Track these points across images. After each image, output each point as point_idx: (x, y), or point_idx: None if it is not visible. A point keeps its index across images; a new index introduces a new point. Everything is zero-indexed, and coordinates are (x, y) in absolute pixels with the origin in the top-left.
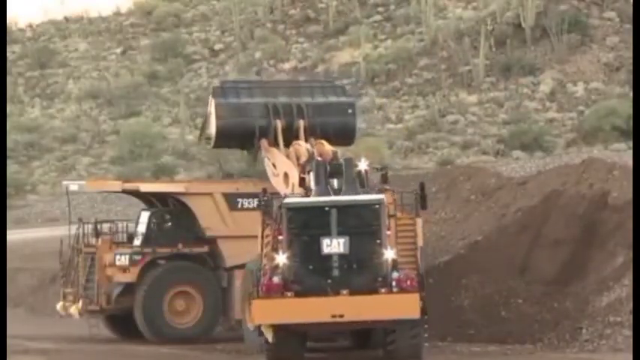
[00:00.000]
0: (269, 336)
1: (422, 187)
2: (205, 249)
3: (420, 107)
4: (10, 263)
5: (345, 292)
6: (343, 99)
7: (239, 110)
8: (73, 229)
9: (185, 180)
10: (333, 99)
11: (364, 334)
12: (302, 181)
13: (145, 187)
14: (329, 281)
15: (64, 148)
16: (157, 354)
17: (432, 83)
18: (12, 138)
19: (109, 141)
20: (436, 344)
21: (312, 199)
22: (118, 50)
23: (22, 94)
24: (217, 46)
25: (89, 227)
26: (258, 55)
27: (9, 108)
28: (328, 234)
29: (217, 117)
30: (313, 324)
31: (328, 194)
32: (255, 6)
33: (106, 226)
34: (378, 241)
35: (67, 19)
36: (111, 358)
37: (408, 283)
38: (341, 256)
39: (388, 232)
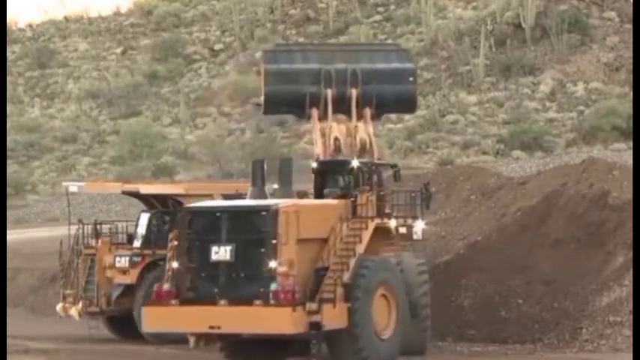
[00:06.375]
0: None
1: (427, 186)
2: None
3: (420, 107)
4: (10, 263)
5: (223, 302)
6: (407, 65)
7: (289, 76)
8: (73, 229)
9: (185, 180)
10: (394, 65)
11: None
12: None
13: (145, 189)
14: (216, 290)
15: (64, 148)
16: (156, 354)
17: (432, 83)
18: (12, 138)
19: (109, 141)
20: (436, 344)
21: (204, 203)
22: (118, 50)
23: (22, 94)
24: (217, 46)
25: (89, 228)
26: (258, 55)
27: (9, 108)
28: (219, 241)
29: (265, 83)
30: (195, 334)
31: (264, 197)
32: (255, 6)
33: (105, 227)
34: (263, 250)
35: (67, 19)
36: (111, 358)
37: (283, 296)
38: (228, 264)
39: (274, 241)
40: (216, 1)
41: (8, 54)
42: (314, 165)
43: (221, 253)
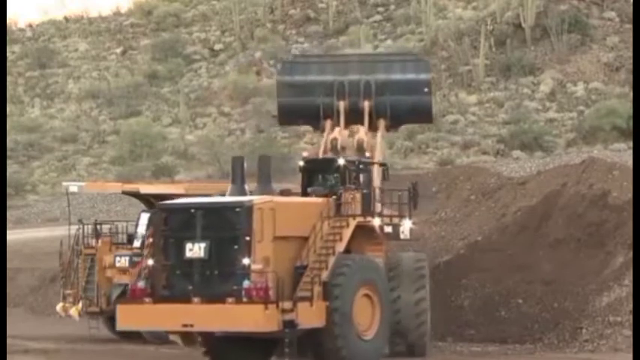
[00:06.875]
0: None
1: (414, 185)
2: None
3: None
4: (10, 263)
5: (196, 300)
6: (422, 75)
7: (302, 88)
8: (73, 229)
9: (185, 180)
10: (410, 76)
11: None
12: None
13: (145, 189)
14: (190, 288)
15: (64, 148)
16: (157, 354)
17: (432, 83)
18: (12, 138)
19: (109, 141)
20: (436, 344)
21: (180, 200)
22: (118, 50)
23: (22, 94)
24: (217, 46)
25: (89, 228)
26: (258, 55)
27: (9, 108)
28: (193, 238)
29: (278, 94)
30: (172, 332)
31: (244, 194)
32: (255, 6)
33: (105, 227)
34: (237, 247)
35: (67, 19)
36: (111, 358)
37: (255, 293)
38: (202, 261)
39: (248, 238)
40: (216, 1)
41: (8, 54)
42: (301, 163)
43: (195, 250)
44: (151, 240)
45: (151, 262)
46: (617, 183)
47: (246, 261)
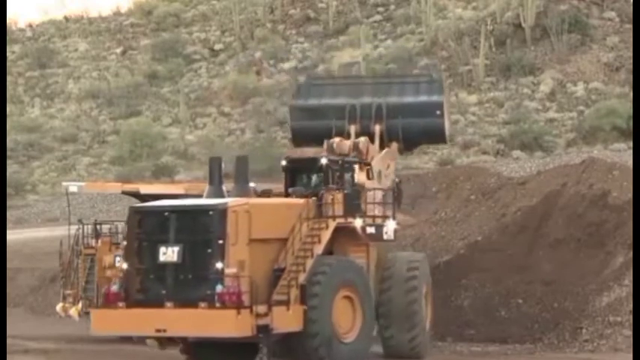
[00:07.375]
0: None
1: (398, 185)
2: None
3: None
4: (10, 263)
5: (169, 305)
6: (434, 98)
7: (315, 112)
8: (73, 229)
9: (185, 180)
10: (422, 98)
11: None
12: None
13: (145, 189)
14: (163, 292)
15: (64, 148)
16: (156, 354)
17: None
18: (12, 138)
19: (109, 141)
20: (436, 344)
21: (154, 203)
22: (118, 50)
23: (22, 94)
24: (217, 46)
25: (89, 228)
26: (258, 55)
27: (9, 108)
28: (167, 241)
29: (291, 118)
30: (146, 337)
31: (221, 195)
32: (255, 6)
33: (105, 227)
34: (210, 251)
35: (67, 19)
36: (111, 358)
37: (227, 298)
38: (175, 265)
39: (221, 241)
40: (216, 1)
41: (8, 54)
42: (283, 163)
43: (169, 254)
44: (125, 243)
45: (125, 265)
46: (617, 183)
47: (219, 265)
